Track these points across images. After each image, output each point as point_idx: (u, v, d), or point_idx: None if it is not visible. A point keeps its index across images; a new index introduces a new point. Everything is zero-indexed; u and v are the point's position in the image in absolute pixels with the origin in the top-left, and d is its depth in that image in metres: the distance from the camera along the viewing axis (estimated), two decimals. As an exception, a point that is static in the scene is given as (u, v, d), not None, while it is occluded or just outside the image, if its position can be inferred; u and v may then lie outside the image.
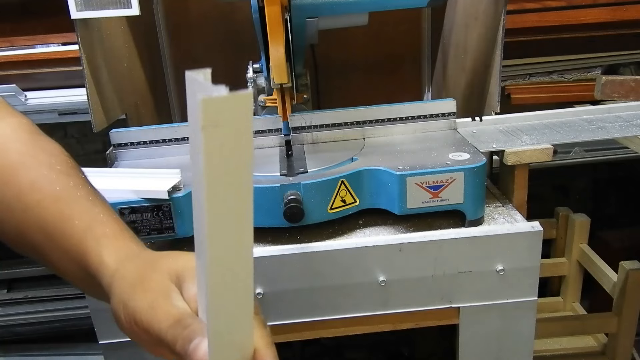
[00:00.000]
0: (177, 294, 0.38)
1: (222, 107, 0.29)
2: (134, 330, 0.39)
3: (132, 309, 0.38)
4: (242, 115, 0.30)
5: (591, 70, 1.42)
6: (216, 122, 0.29)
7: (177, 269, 0.40)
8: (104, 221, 0.45)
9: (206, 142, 0.29)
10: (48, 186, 0.46)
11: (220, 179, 0.31)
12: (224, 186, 0.31)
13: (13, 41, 1.27)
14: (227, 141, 0.30)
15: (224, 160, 0.30)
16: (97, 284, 0.42)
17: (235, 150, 0.30)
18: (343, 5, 0.85)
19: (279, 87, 0.92)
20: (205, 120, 0.29)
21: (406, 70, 1.38)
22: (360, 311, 0.79)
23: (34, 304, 1.51)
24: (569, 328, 1.29)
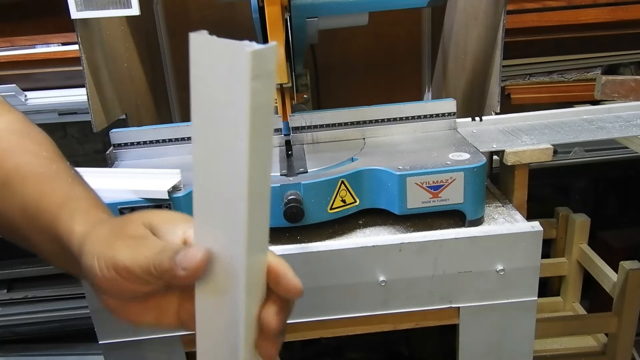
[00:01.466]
0: (154, 237, 0.40)
1: (264, 58, 0.32)
2: (112, 276, 0.38)
3: (110, 256, 0.38)
4: (273, 65, 0.33)
5: (591, 70, 1.42)
6: (259, 73, 0.32)
7: (150, 220, 0.41)
8: (80, 197, 0.46)
9: (252, 94, 0.32)
10: (32, 169, 0.47)
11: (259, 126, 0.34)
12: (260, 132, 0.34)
13: (13, 41, 1.26)
14: (265, 91, 0.33)
15: (262, 108, 0.33)
16: (69, 257, 0.43)
17: (268, 98, 0.34)
18: (343, 5, 0.85)
19: (279, 87, 0.92)
20: (253, 72, 0.31)
21: (406, 70, 1.38)
22: (360, 311, 0.79)
23: (34, 304, 1.51)
24: (569, 328, 1.29)
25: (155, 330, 0.79)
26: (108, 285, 0.39)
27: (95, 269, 0.39)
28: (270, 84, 0.33)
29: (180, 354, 0.80)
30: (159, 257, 0.37)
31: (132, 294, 0.40)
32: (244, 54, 0.31)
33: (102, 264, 0.39)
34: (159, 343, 0.79)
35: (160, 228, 0.40)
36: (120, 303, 0.41)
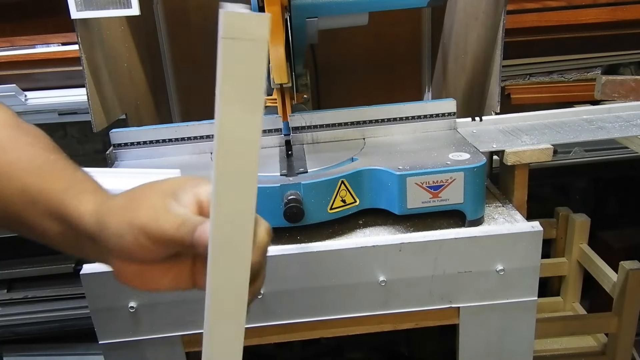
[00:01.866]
0: (175, 203, 0.43)
1: (242, 22, 0.32)
2: (142, 244, 0.42)
3: (139, 226, 0.42)
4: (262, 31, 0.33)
5: (591, 70, 1.42)
6: (235, 35, 0.32)
7: (169, 186, 0.44)
8: (84, 180, 0.48)
9: (224, 52, 0.32)
10: (31, 159, 0.49)
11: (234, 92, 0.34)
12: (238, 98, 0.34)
13: (13, 41, 1.26)
14: (243, 54, 0.33)
15: (239, 73, 0.34)
16: (78, 235, 0.45)
17: (250, 63, 0.34)
18: (343, 5, 0.85)
19: (279, 87, 0.92)
20: (225, 32, 0.32)
21: (406, 70, 1.38)
22: (360, 311, 0.79)
23: (34, 304, 1.50)
24: (569, 328, 1.29)
25: (156, 330, 0.79)
26: (137, 249, 0.42)
27: (128, 235, 0.42)
28: (254, 51, 0.33)
29: (180, 354, 0.80)
30: (181, 232, 0.41)
31: (157, 256, 0.43)
32: (221, 13, 0.31)
33: (134, 231, 0.42)
34: (159, 343, 0.79)
35: (177, 191, 0.44)
36: (139, 270, 0.44)
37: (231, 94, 0.34)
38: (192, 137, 0.92)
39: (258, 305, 0.78)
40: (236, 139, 0.37)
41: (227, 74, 0.34)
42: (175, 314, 0.77)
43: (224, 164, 0.38)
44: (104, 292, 0.77)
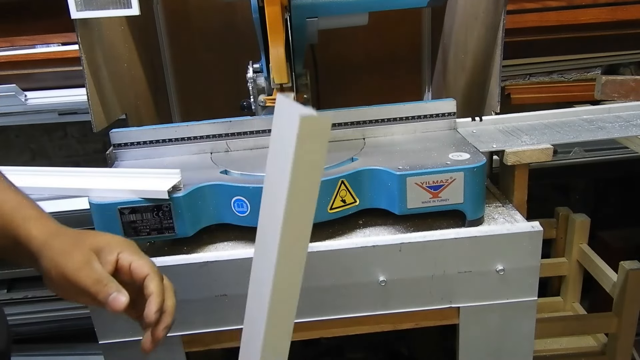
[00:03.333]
0: (96, 261, 0.53)
1: (313, 124, 0.37)
2: (63, 284, 0.52)
3: (62, 270, 0.52)
4: (326, 134, 0.39)
5: (591, 70, 1.42)
6: (308, 136, 0.37)
7: (97, 243, 0.55)
8: (28, 205, 0.58)
9: (297, 156, 0.38)
10: None
11: (300, 188, 0.41)
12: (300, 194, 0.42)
13: (13, 41, 1.26)
14: (312, 153, 0.39)
15: (307, 169, 0.40)
16: (25, 253, 0.55)
17: (316, 164, 0.40)
18: (343, 5, 0.85)
19: (279, 87, 0.92)
20: (301, 135, 0.37)
21: (406, 70, 1.38)
22: (360, 311, 0.79)
23: (34, 304, 1.50)
24: (569, 328, 1.29)
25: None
26: (58, 287, 0.53)
27: (52, 274, 0.53)
28: (320, 151, 0.39)
29: (180, 354, 0.80)
30: (95, 289, 0.52)
31: (76, 296, 0.54)
32: (297, 116, 0.36)
33: (57, 273, 0.52)
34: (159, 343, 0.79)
35: (102, 250, 0.54)
36: (65, 293, 0.54)
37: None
38: (192, 137, 0.92)
39: (258, 305, 0.78)
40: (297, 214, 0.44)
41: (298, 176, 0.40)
42: (175, 314, 0.77)
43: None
44: (104, 292, 0.77)
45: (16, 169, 0.81)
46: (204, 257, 0.76)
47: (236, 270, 0.76)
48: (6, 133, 1.52)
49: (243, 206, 0.77)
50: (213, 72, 1.34)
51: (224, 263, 0.75)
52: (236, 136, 0.92)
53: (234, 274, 0.76)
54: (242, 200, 0.76)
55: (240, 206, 0.77)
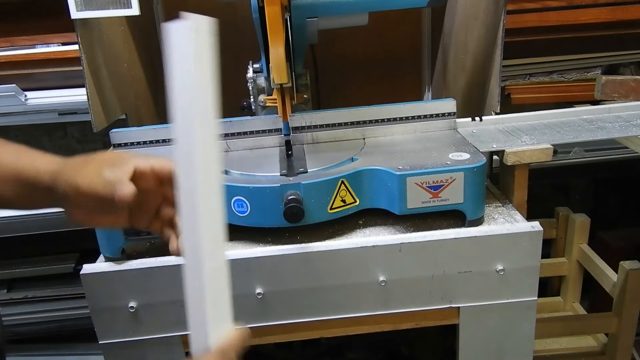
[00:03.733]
0: (108, 170, 0.54)
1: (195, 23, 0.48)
2: (81, 203, 0.55)
3: (76, 187, 0.54)
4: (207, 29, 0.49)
5: (591, 70, 1.42)
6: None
7: (108, 158, 0.57)
8: (27, 150, 0.59)
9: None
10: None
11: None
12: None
13: (13, 41, 1.26)
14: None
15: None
16: (40, 191, 0.57)
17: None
18: (343, 5, 0.85)
19: (279, 87, 0.92)
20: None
21: (406, 70, 1.38)
22: (360, 311, 0.79)
23: (34, 304, 1.50)
24: (569, 328, 1.29)
25: (156, 330, 0.79)
26: (79, 207, 0.56)
27: (70, 198, 0.55)
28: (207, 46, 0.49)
29: (180, 354, 0.80)
30: (106, 190, 0.53)
31: (94, 207, 0.55)
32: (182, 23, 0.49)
33: (72, 193, 0.54)
34: (159, 343, 0.79)
35: (115, 162, 0.56)
36: (86, 214, 0.57)
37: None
38: (192, 137, 0.92)
39: (258, 305, 0.78)
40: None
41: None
42: (175, 314, 0.77)
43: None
44: (104, 292, 0.77)
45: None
46: (204, 257, 0.76)
47: (236, 270, 0.76)
48: (6, 133, 1.52)
49: (243, 206, 0.77)
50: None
51: (224, 263, 0.75)
52: (236, 136, 0.92)
53: (234, 274, 0.76)
54: (242, 200, 0.76)
55: (240, 206, 0.77)
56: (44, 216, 1.26)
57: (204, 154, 0.48)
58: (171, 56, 0.48)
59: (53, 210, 1.31)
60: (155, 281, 0.76)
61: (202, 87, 0.49)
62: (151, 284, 0.76)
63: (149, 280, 0.76)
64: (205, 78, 0.49)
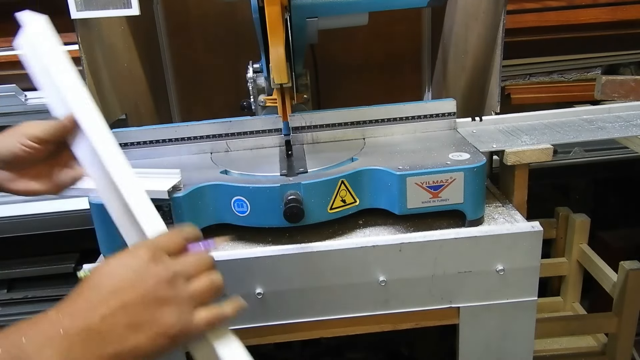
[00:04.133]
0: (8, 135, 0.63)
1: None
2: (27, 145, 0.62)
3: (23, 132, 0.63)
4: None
5: (591, 70, 1.42)
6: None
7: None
8: None
9: None
10: None
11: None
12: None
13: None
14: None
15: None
16: None
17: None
18: (343, 5, 0.85)
19: (279, 87, 0.92)
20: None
21: (406, 70, 1.38)
22: (360, 311, 0.79)
23: (34, 304, 1.50)
24: (569, 328, 1.29)
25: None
26: (21, 155, 0.61)
27: (15, 144, 0.61)
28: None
29: (180, 354, 0.80)
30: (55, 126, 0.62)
31: (38, 155, 0.62)
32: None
33: (20, 137, 0.62)
34: (159, 343, 0.79)
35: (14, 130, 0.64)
36: (14, 176, 0.63)
37: None
38: (192, 137, 0.92)
39: (258, 305, 0.78)
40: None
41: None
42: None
43: None
44: (104, 292, 0.77)
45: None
46: (204, 257, 0.76)
47: (236, 270, 0.76)
48: (6, 133, 1.52)
49: (243, 206, 0.77)
50: (213, 72, 1.34)
51: (223, 263, 0.75)
52: (236, 136, 0.92)
53: (234, 274, 0.76)
54: (242, 200, 0.76)
55: (240, 206, 0.77)
56: (44, 216, 1.26)
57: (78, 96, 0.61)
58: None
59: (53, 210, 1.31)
60: (155, 281, 0.76)
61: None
62: (151, 284, 0.76)
63: (149, 280, 0.76)
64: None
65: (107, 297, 0.43)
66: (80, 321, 0.42)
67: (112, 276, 0.44)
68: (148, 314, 0.43)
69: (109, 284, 0.44)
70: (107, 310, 0.42)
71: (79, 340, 0.41)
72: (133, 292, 0.43)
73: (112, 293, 0.43)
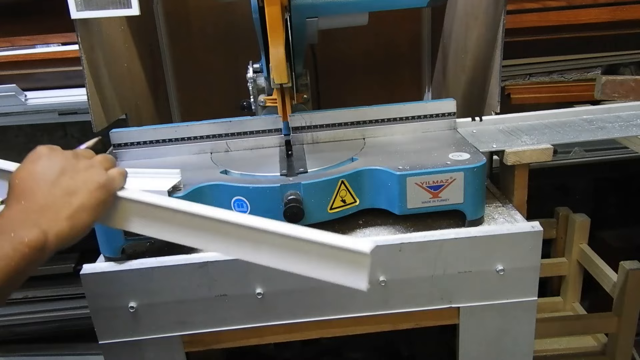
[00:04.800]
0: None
1: None
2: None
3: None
4: None
5: (591, 70, 1.42)
6: None
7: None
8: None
9: None
10: None
11: None
12: None
13: (13, 41, 1.26)
14: None
15: None
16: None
17: None
18: (343, 5, 0.85)
19: (279, 87, 0.92)
20: None
21: (406, 70, 1.38)
22: (360, 311, 0.79)
23: (34, 304, 1.50)
24: (569, 328, 1.29)
25: (156, 330, 0.79)
26: None
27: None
28: None
29: (180, 354, 0.80)
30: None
31: None
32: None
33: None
34: (159, 343, 0.79)
35: None
36: None
37: None
38: (192, 137, 0.92)
39: (258, 305, 0.78)
40: None
41: None
42: (175, 314, 0.77)
43: None
44: (104, 292, 0.77)
45: (16, 169, 0.81)
46: (204, 257, 0.76)
47: (236, 270, 0.76)
48: (6, 133, 1.52)
49: (243, 206, 0.77)
50: (213, 72, 1.34)
51: (224, 263, 0.75)
52: (236, 136, 0.92)
53: (234, 274, 0.76)
54: (242, 200, 0.76)
55: (240, 206, 0.77)
56: (44, 216, 1.26)
57: None
58: None
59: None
60: (155, 281, 0.76)
61: None
62: (151, 284, 0.76)
63: (149, 280, 0.76)
64: None
65: (39, 184, 0.54)
66: (33, 203, 0.53)
67: (31, 172, 0.55)
68: (74, 181, 0.55)
69: (34, 177, 0.55)
70: (45, 191, 0.54)
71: (40, 216, 0.52)
72: (53, 172, 0.55)
73: (40, 180, 0.54)
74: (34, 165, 0.56)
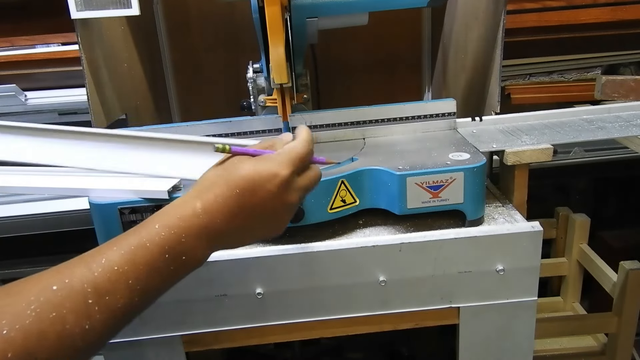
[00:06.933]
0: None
1: None
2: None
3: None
4: None
5: (591, 70, 1.42)
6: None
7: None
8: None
9: None
10: None
11: None
12: None
13: (13, 41, 1.26)
14: None
15: None
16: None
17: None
18: (343, 5, 0.85)
19: (279, 87, 0.92)
20: None
21: (406, 70, 1.38)
22: (360, 311, 0.79)
23: (34, 304, 1.50)
24: (569, 328, 1.29)
25: (156, 330, 0.79)
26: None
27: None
28: None
29: (181, 354, 0.80)
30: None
31: None
32: None
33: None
34: (159, 343, 0.79)
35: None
36: None
37: None
38: (192, 137, 0.92)
39: (258, 305, 0.78)
40: None
41: None
42: (175, 314, 0.77)
43: None
44: (104, 292, 0.77)
45: (15, 168, 0.81)
46: (204, 257, 0.76)
47: (236, 270, 0.76)
48: (6, 133, 1.52)
49: (243, 206, 0.76)
50: (213, 72, 1.34)
51: (224, 263, 0.75)
52: (236, 136, 0.92)
53: (234, 274, 0.76)
54: (242, 200, 0.76)
55: (240, 206, 0.77)
56: (44, 216, 1.26)
57: None
58: None
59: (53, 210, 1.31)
60: (155, 281, 0.76)
61: None
62: (151, 284, 0.76)
63: (149, 280, 0.76)
64: None
65: (248, 212, 0.52)
66: (224, 225, 0.51)
67: (254, 194, 0.52)
68: (275, 224, 0.57)
69: (250, 202, 0.52)
70: (246, 223, 0.53)
71: (221, 238, 0.52)
72: (265, 211, 0.53)
73: (251, 209, 0.52)
74: (269, 195, 0.53)
